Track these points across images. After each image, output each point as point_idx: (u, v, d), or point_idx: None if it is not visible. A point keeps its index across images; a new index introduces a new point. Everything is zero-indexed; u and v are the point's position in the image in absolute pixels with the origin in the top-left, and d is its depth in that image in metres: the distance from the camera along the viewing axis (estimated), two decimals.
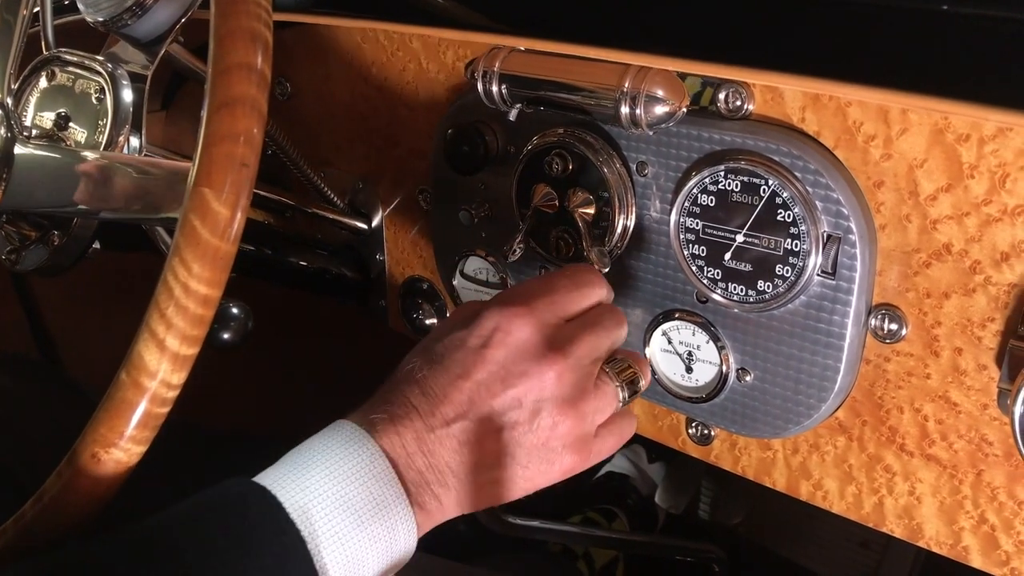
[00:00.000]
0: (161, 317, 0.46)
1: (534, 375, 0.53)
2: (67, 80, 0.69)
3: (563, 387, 0.53)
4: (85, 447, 0.47)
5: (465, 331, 0.54)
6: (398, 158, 0.85)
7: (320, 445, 0.50)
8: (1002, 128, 0.49)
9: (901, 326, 0.57)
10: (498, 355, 0.53)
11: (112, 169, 0.56)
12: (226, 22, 0.48)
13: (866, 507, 0.62)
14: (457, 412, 0.52)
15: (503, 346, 0.53)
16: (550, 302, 0.56)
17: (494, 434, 0.52)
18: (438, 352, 0.54)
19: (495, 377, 0.53)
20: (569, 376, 0.54)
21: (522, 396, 0.53)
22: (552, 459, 0.54)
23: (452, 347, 0.54)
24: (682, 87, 0.59)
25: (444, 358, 0.54)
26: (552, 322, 0.55)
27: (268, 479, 0.48)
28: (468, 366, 0.53)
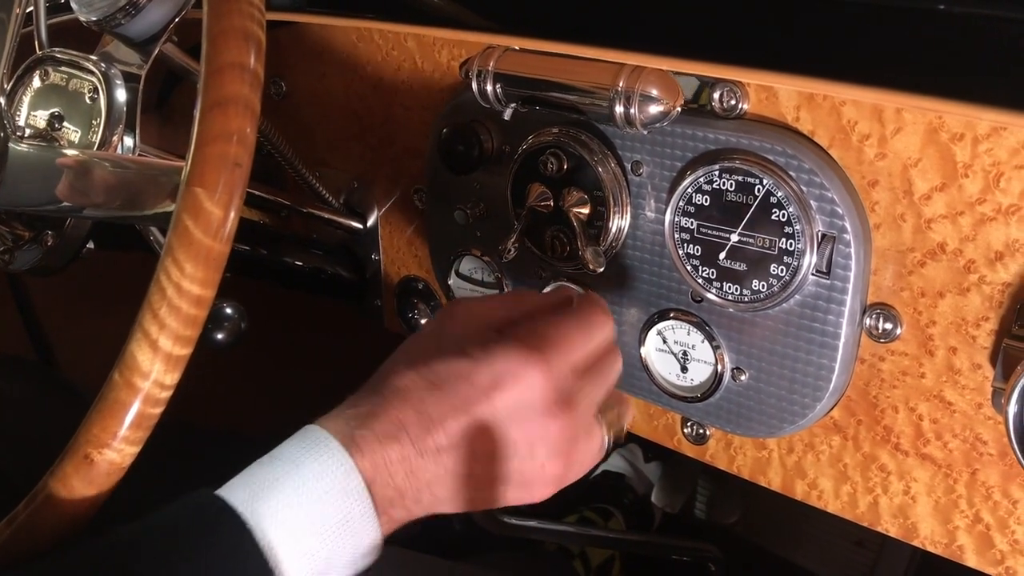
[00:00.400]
0: (154, 317, 0.46)
1: (537, 427, 0.52)
2: (61, 80, 0.69)
3: (562, 439, 0.53)
4: (78, 448, 0.47)
5: (472, 364, 0.52)
6: (393, 157, 0.85)
7: (295, 457, 0.48)
8: (996, 127, 0.49)
9: (896, 325, 0.57)
10: (506, 400, 0.51)
11: (105, 169, 0.56)
12: (219, 22, 0.47)
13: (861, 506, 0.62)
14: (451, 443, 0.51)
15: (512, 393, 0.51)
16: (565, 352, 0.54)
17: (482, 465, 0.52)
18: (438, 374, 0.52)
19: (497, 420, 0.51)
20: (570, 430, 0.53)
21: (520, 441, 0.52)
22: (531, 491, 0.54)
23: (456, 375, 0.51)
24: (676, 86, 0.59)
25: (445, 384, 0.51)
26: (563, 373, 0.53)
27: (237, 495, 0.46)
28: (471, 402, 0.51)
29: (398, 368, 0.53)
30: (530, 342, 0.52)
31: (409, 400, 0.51)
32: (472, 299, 0.57)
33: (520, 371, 0.51)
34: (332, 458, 0.48)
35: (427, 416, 0.50)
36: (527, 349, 0.52)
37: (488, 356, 0.52)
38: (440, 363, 0.52)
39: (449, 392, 0.51)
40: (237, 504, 0.46)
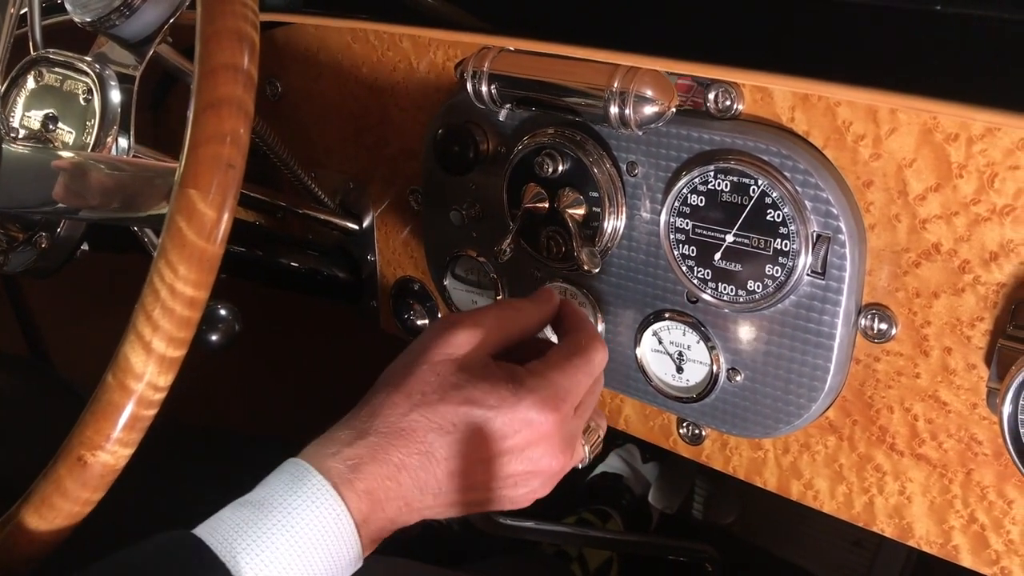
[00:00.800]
0: (147, 319, 0.46)
1: (538, 469, 0.54)
2: (55, 81, 0.68)
3: (556, 475, 0.56)
4: (71, 450, 0.46)
5: (488, 412, 0.52)
6: (389, 158, 0.84)
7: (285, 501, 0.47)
8: (990, 128, 0.49)
9: (891, 326, 0.57)
10: (518, 447, 0.53)
11: (99, 170, 0.56)
12: (212, 23, 0.47)
13: (856, 507, 0.62)
14: (449, 478, 0.52)
15: (526, 442, 0.53)
16: (574, 400, 0.55)
17: (476, 494, 0.53)
18: (449, 419, 0.51)
19: (504, 464, 0.53)
20: (565, 463, 0.55)
21: (517, 479, 0.54)
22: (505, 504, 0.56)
23: (469, 424, 0.52)
24: (671, 87, 0.59)
25: (456, 431, 0.51)
26: (570, 418, 0.55)
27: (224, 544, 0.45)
28: (481, 447, 0.52)
29: (397, 404, 0.52)
30: (546, 396, 0.53)
31: (414, 441, 0.51)
32: (461, 318, 0.56)
33: (536, 423, 0.53)
34: (324, 502, 0.47)
35: (434, 460, 0.51)
36: (543, 404, 0.53)
37: (504, 407, 0.52)
38: (449, 408, 0.51)
39: (460, 438, 0.51)
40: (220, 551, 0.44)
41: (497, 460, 0.52)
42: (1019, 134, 0.49)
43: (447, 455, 0.51)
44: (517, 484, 0.54)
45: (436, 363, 0.53)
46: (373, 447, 0.50)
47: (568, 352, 0.56)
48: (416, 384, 0.53)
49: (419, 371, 0.53)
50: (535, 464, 0.54)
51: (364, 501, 0.49)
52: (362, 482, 0.49)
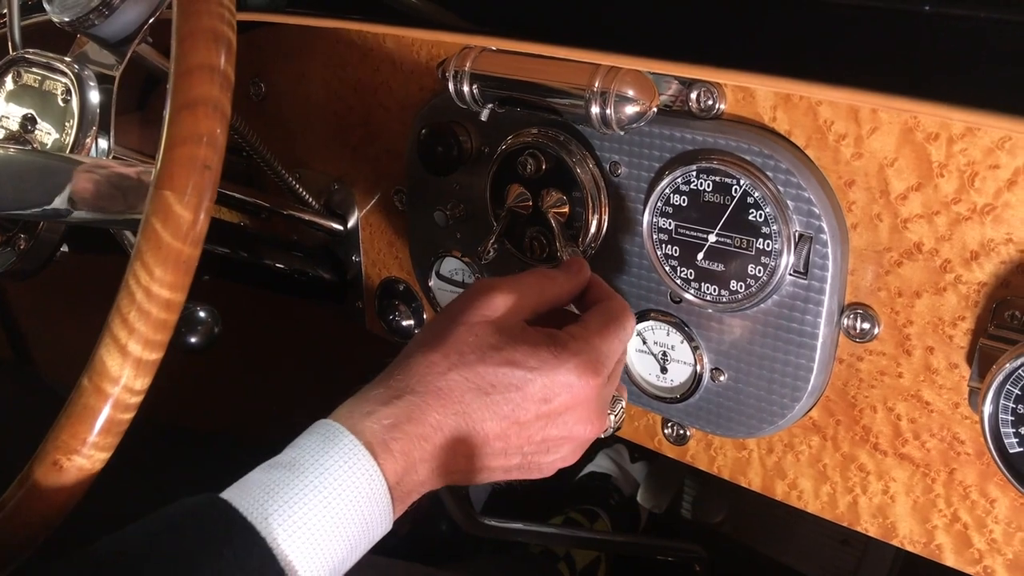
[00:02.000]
0: (123, 322, 0.46)
1: (571, 435, 0.54)
2: (33, 81, 0.68)
3: (585, 442, 0.56)
4: (46, 454, 0.46)
5: (528, 374, 0.52)
6: (374, 159, 0.84)
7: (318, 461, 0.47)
8: (970, 127, 0.49)
9: (873, 325, 0.57)
10: (555, 410, 0.53)
11: (75, 172, 0.56)
12: (187, 22, 0.47)
13: (840, 506, 0.62)
14: (483, 441, 0.51)
15: (563, 406, 0.53)
16: (612, 363, 0.56)
17: (507, 458, 0.53)
18: (488, 380, 0.51)
19: (539, 430, 0.53)
20: (595, 429, 0.56)
21: (550, 444, 0.54)
22: (534, 471, 0.56)
23: (509, 385, 0.51)
24: (652, 87, 0.59)
25: (495, 392, 0.51)
26: (604, 385, 0.55)
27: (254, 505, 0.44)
28: (520, 413, 0.52)
29: (434, 363, 0.52)
30: (587, 360, 0.53)
31: (450, 403, 0.50)
32: (498, 283, 0.55)
33: (576, 387, 0.53)
34: (357, 462, 0.47)
35: (470, 420, 0.51)
36: (584, 369, 0.53)
37: (545, 369, 0.52)
38: (489, 368, 0.51)
39: (498, 399, 0.51)
40: (250, 512, 0.44)
41: (535, 423, 0.52)
42: (999, 134, 0.49)
43: (485, 417, 0.51)
44: (550, 449, 0.54)
45: (474, 324, 0.53)
46: (410, 406, 0.50)
47: (606, 318, 0.56)
48: (454, 344, 0.52)
49: (456, 331, 0.53)
50: (569, 429, 0.54)
51: (399, 462, 0.48)
52: (397, 442, 0.48)
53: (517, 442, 0.53)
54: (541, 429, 0.53)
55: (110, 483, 0.51)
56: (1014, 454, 0.50)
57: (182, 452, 0.94)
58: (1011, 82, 0.52)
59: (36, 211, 0.57)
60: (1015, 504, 0.54)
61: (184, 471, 0.84)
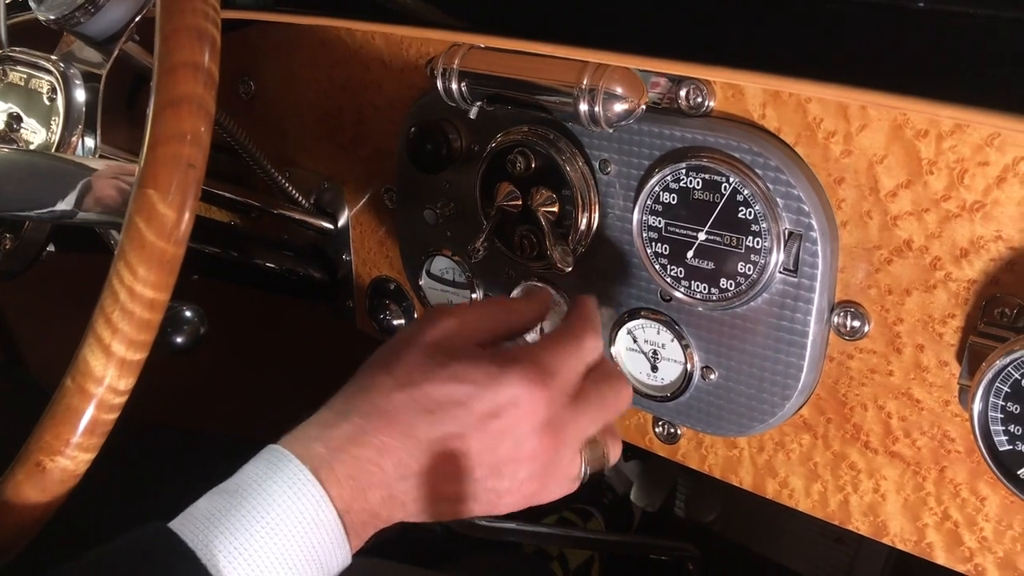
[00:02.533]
0: (107, 322, 0.45)
1: (526, 455, 0.51)
2: (19, 79, 0.67)
3: (543, 467, 0.52)
4: (29, 455, 0.46)
5: (472, 388, 0.50)
6: (363, 157, 0.84)
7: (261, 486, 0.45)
8: (959, 124, 0.49)
9: (863, 323, 0.57)
10: (501, 427, 0.50)
11: (60, 171, 0.55)
12: (171, 20, 0.47)
13: (832, 505, 0.62)
14: (434, 464, 0.49)
15: (510, 421, 0.50)
16: (564, 380, 0.53)
17: (460, 485, 0.51)
18: (432, 397, 0.49)
19: (488, 446, 0.50)
20: (554, 460, 0.52)
21: (503, 466, 0.51)
22: (497, 504, 0.53)
23: (453, 402, 0.49)
24: (641, 84, 0.59)
25: (439, 409, 0.49)
26: (560, 401, 0.52)
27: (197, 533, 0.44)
28: (465, 430, 0.49)
29: (380, 384, 0.50)
30: (531, 370, 0.51)
31: (396, 423, 0.49)
32: (453, 309, 0.55)
33: (521, 400, 0.50)
34: (302, 487, 0.46)
35: (415, 441, 0.49)
36: (528, 378, 0.50)
37: (489, 383, 0.50)
38: (433, 386, 0.50)
39: (442, 417, 0.49)
40: (192, 540, 0.43)
41: (483, 441, 0.50)
42: (988, 130, 0.48)
43: (430, 437, 0.49)
44: (502, 474, 0.51)
45: (423, 344, 0.52)
46: (354, 428, 0.48)
47: (563, 333, 0.55)
48: (401, 365, 0.51)
49: (405, 352, 0.52)
50: (519, 448, 0.51)
51: (345, 487, 0.47)
52: (342, 465, 0.47)
53: (467, 464, 0.50)
54: (491, 449, 0.50)
55: (97, 484, 0.51)
56: (1004, 452, 0.50)
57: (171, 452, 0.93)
58: (1000, 79, 0.52)
59: (21, 211, 0.56)
60: (1005, 502, 0.54)
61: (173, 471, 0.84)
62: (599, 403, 0.55)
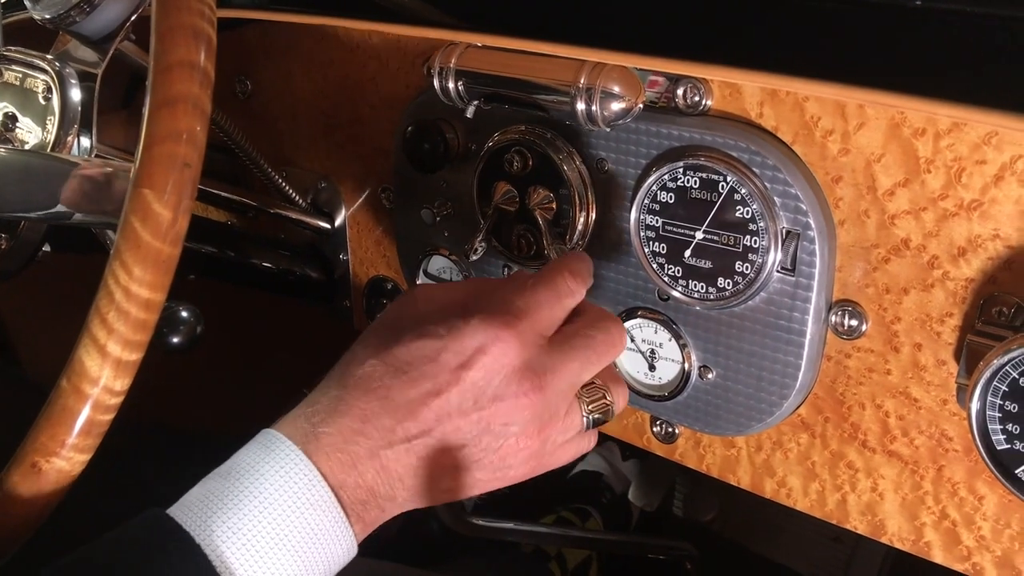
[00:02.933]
0: (102, 322, 0.45)
1: (509, 403, 0.49)
2: (14, 79, 0.67)
3: (534, 416, 0.51)
4: (24, 456, 0.45)
5: (438, 342, 0.49)
6: (361, 156, 0.84)
7: (253, 467, 0.46)
8: (957, 123, 0.49)
9: (861, 322, 0.57)
10: (476, 377, 0.49)
11: (56, 171, 0.55)
12: (167, 19, 0.46)
13: (829, 504, 0.62)
14: (421, 429, 0.48)
15: (483, 369, 0.49)
16: (534, 320, 0.51)
17: (455, 451, 0.50)
18: (402, 358, 0.49)
19: (468, 399, 0.49)
20: (543, 406, 0.51)
21: (491, 420, 0.50)
22: (506, 472, 0.52)
23: (422, 358, 0.49)
24: (638, 83, 0.58)
25: (411, 368, 0.49)
26: (535, 344, 0.51)
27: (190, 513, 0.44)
28: (440, 384, 0.48)
29: (358, 356, 0.50)
30: (496, 313, 0.50)
31: (373, 389, 0.48)
32: (432, 284, 0.55)
33: (488, 345, 0.49)
34: (293, 466, 0.46)
35: (393, 404, 0.48)
36: (493, 321, 0.49)
37: (454, 333, 0.49)
38: (402, 347, 0.49)
39: (415, 376, 0.48)
40: (188, 523, 0.43)
41: (462, 394, 0.48)
42: (985, 129, 0.48)
43: (408, 397, 0.48)
44: (493, 429, 0.50)
45: (399, 317, 0.52)
46: (334, 400, 0.48)
47: (528, 276, 0.54)
48: (377, 337, 0.51)
49: (383, 321, 0.52)
50: (502, 396, 0.49)
51: (334, 460, 0.47)
52: (328, 437, 0.47)
53: (455, 422, 0.49)
54: (473, 400, 0.49)
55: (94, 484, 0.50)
56: (1002, 451, 0.50)
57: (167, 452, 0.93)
58: (998, 77, 0.52)
59: (16, 211, 0.56)
60: (1003, 501, 0.54)
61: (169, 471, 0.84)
62: (587, 346, 0.53)
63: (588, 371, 0.53)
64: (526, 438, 0.51)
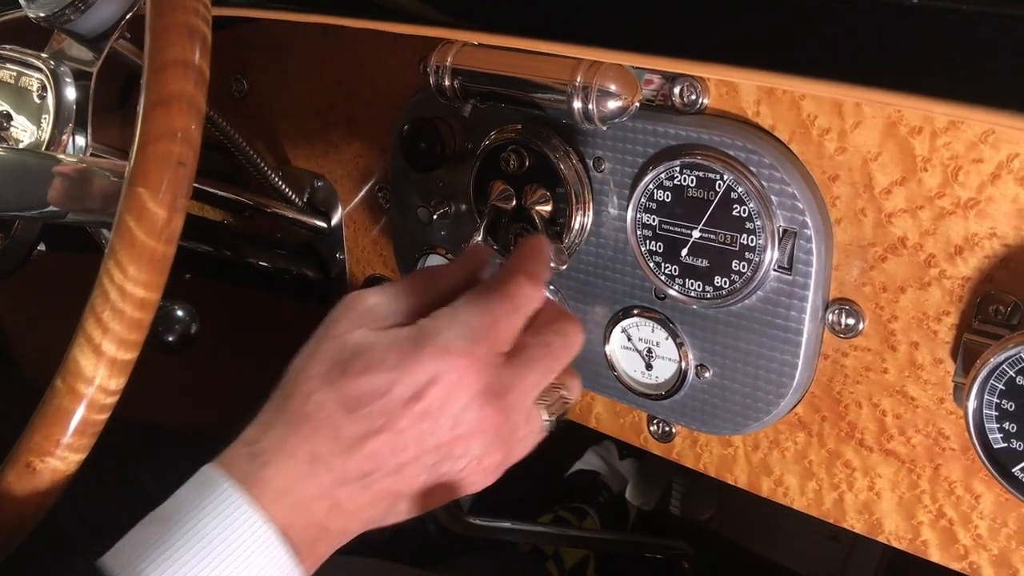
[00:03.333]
0: (97, 321, 0.45)
1: (469, 429, 0.46)
2: (9, 77, 0.67)
3: (496, 436, 0.48)
4: (19, 456, 0.45)
5: (389, 374, 0.45)
6: (357, 155, 0.83)
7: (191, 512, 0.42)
8: (954, 121, 0.49)
9: (858, 321, 0.57)
10: (431, 408, 0.45)
11: (50, 169, 0.55)
12: (161, 18, 0.46)
13: (827, 503, 0.62)
14: (375, 466, 0.45)
15: (438, 399, 0.45)
16: (492, 341, 0.47)
17: (413, 479, 0.47)
18: (351, 393, 0.45)
19: (425, 431, 0.45)
20: (504, 425, 0.48)
21: (451, 448, 0.47)
22: (470, 486, 0.49)
23: (373, 392, 0.45)
24: (635, 81, 0.58)
25: (361, 404, 0.45)
26: (493, 365, 0.47)
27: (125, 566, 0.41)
28: (395, 419, 0.45)
29: (302, 385, 0.46)
30: (449, 337, 0.46)
31: (321, 426, 0.45)
32: (369, 291, 0.50)
33: (442, 375, 0.45)
34: (235, 510, 0.42)
35: (344, 442, 0.45)
36: (447, 349, 0.46)
37: (405, 364, 0.45)
38: (350, 381, 0.45)
39: (367, 412, 0.45)
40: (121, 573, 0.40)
41: (418, 427, 0.45)
42: (982, 127, 0.48)
43: (358, 434, 0.44)
44: (454, 456, 0.46)
45: (340, 335, 0.47)
46: (280, 439, 0.44)
47: (486, 289, 0.49)
48: (319, 362, 0.46)
49: (324, 347, 0.47)
50: (461, 425, 0.46)
51: (282, 504, 0.43)
52: (275, 480, 0.43)
53: (408, 456, 0.45)
54: (430, 433, 0.45)
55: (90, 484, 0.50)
56: (998, 449, 0.50)
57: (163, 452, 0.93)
58: (995, 75, 0.52)
59: (9, 210, 0.56)
60: (1000, 500, 0.54)
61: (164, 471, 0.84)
62: (546, 355, 0.50)
63: (548, 379, 0.51)
64: (488, 456, 0.48)
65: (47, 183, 0.56)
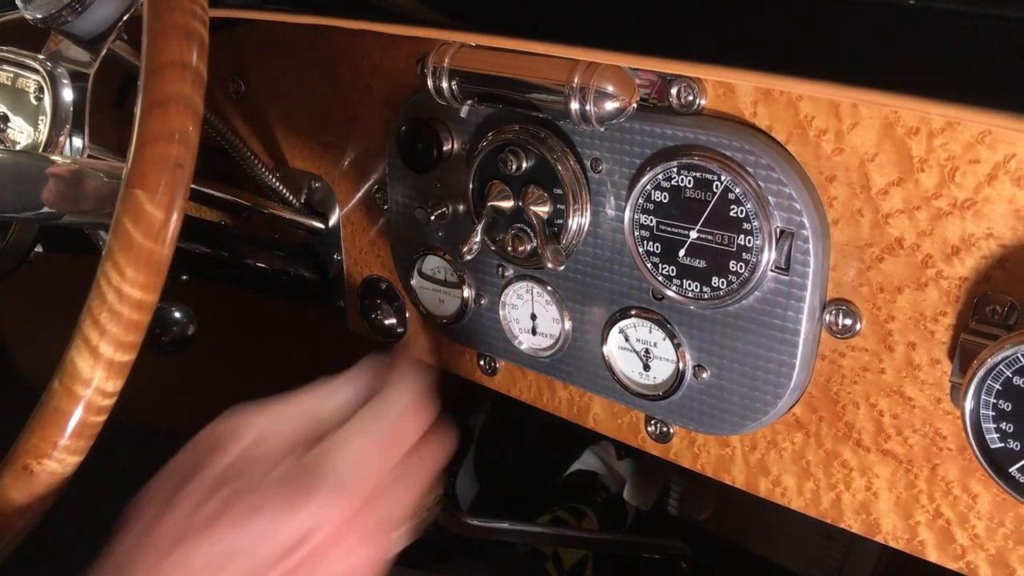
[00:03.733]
0: (94, 323, 0.45)
1: (345, 570, 0.44)
2: (6, 79, 0.67)
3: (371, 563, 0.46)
4: (16, 458, 0.45)
5: (275, 522, 0.42)
6: (354, 156, 0.83)
7: None
8: (950, 122, 0.49)
9: (855, 321, 0.57)
10: (311, 551, 0.43)
11: (46, 170, 0.55)
12: (158, 19, 0.46)
13: (824, 503, 0.62)
14: None
15: (315, 554, 0.43)
16: (378, 487, 0.45)
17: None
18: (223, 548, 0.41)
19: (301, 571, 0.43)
20: (372, 554, 0.46)
21: None
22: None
23: (254, 543, 0.42)
24: (632, 82, 0.58)
25: (236, 560, 0.41)
26: (376, 510, 0.45)
27: None
28: (274, 563, 0.42)
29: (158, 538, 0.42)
30: (340, 492, 0.44)
31: None
32: (251, 416, 0.47)
33: (324, 528, 0.43)
34: None
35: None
36: (336, 501, 0.43)
37: (288, 512, 0.42)
38: (223, 532, 0.41)
39: (246, 560, 0.41)
40: None
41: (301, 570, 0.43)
42: (979, 128, 0.48)
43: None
44: None
45: (206, 474, 0.44)
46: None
47: (367, 418, 0.47)
48: (180, 509, 0.42)
49: (187, 488, 0.43)
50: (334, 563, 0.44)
51: None
52: None
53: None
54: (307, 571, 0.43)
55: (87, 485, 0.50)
56: (995, 449, 0.50)
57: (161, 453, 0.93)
58: (991, 76, 0.52)
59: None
60: (997, 499, 0.54)
61: None
62: (412, 485, 0.48)
63: (410, 499, 0.48)
64: None
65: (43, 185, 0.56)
